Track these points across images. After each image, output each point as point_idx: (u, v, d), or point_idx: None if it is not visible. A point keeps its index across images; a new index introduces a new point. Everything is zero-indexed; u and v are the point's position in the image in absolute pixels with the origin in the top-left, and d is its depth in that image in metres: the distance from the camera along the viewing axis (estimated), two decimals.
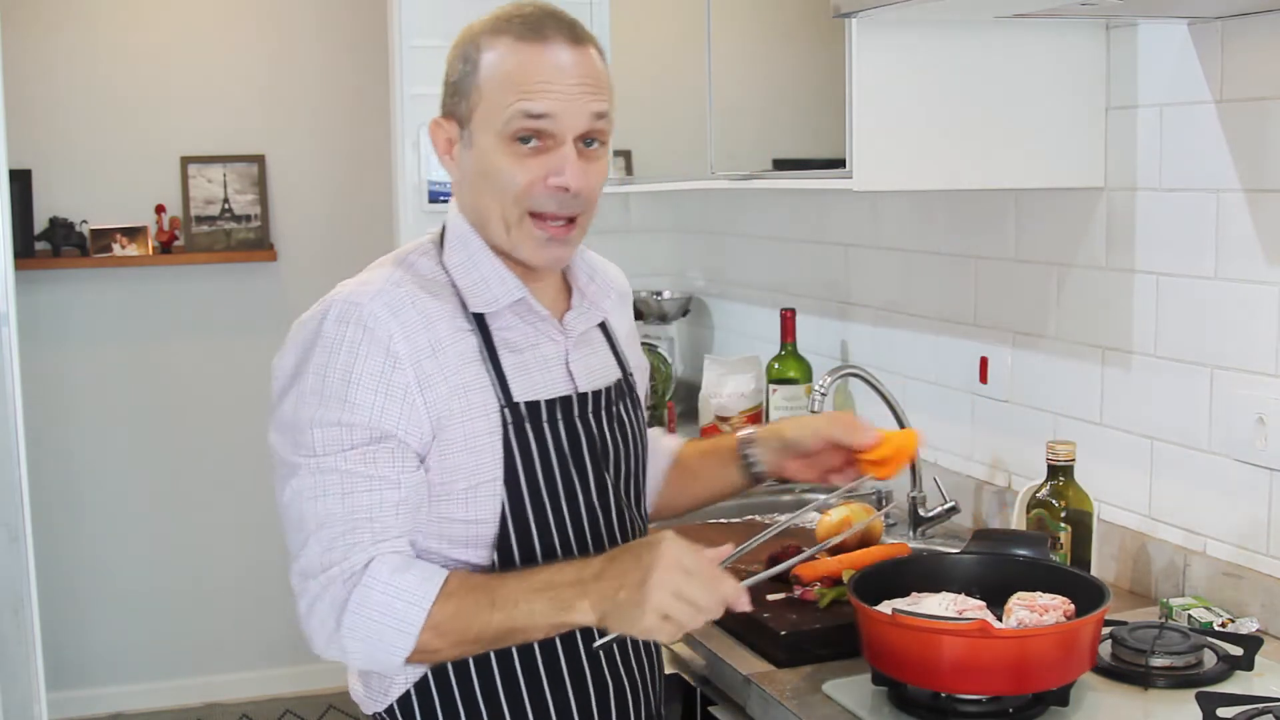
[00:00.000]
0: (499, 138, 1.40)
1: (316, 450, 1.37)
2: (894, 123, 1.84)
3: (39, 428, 3.72)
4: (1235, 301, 1.75)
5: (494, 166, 1.41)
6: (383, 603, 1.33)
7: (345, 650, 1.36)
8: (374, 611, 1.33)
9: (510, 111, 1.39)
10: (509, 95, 1.39)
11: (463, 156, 1.46)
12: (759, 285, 3.08)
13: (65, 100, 4.08)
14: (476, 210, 1.46)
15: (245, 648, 4.39)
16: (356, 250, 4.35)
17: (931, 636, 1.40)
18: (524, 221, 1.43)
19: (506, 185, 1.41)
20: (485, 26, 1.45)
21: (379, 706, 1.48)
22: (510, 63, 1.40)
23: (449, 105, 1.46)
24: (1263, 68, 1.69)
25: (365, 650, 1.35)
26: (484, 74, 1.41)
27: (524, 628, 1.33)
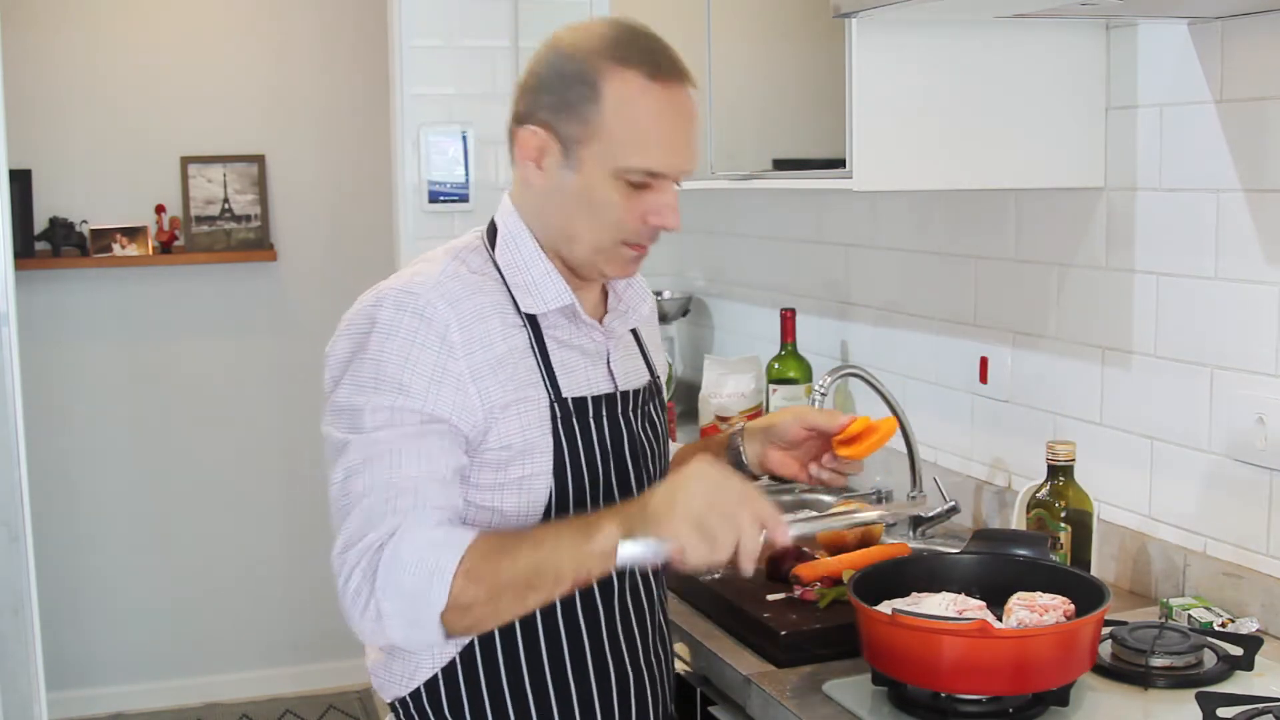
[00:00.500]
0: (614, 176, 1.43)
1: (366, 427, 1.37)
2: (894, 123, 1.84)
3: (39, 428, 3.72)
4: (1235, 301, 1.75)
5: (602, 200, 1.44)
6: (415, 556, 1.31)
7: (381, 614, 1.31)
8: (408, 564, 1.31)
9: (636, 163, 1.42)
10: (639, 146, 1.42)
11: (558, 173, 1.45)
12: (759, 285, 3.08)
13: (65, 100, 4.08)
14: (561, 227, 1.48)
15: (245, 648, 4.39)
16: (356, 250, 4.40)
17: (931, 636, 1.40)
18: (619, 248, 1.48)
19: (610, 220, 1.45)
20: (604, 49, 1.43)
21: (402, 690, 1.48)
22: (639, 110, 1.42)
23: (550, 118, 1.44)
24: (1263, 68, 1.69)
25: (401, 609, 1.31)
26: (609, 109, 1.41)
27: (551, 564, 1.31)
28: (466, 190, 3.32)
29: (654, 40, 1.46)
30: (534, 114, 1.46)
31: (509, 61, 3.31)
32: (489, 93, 3.31)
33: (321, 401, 1.46)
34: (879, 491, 2.40)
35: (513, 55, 3.31)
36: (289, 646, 4.43)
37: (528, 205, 1.51)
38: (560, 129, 1.43)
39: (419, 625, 1.32)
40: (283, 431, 4.35)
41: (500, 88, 3.31)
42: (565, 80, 1.43)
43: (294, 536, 4.38)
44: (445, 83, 3.30)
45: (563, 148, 1.44)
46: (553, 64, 1.46)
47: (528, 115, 1.46)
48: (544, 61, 1.47)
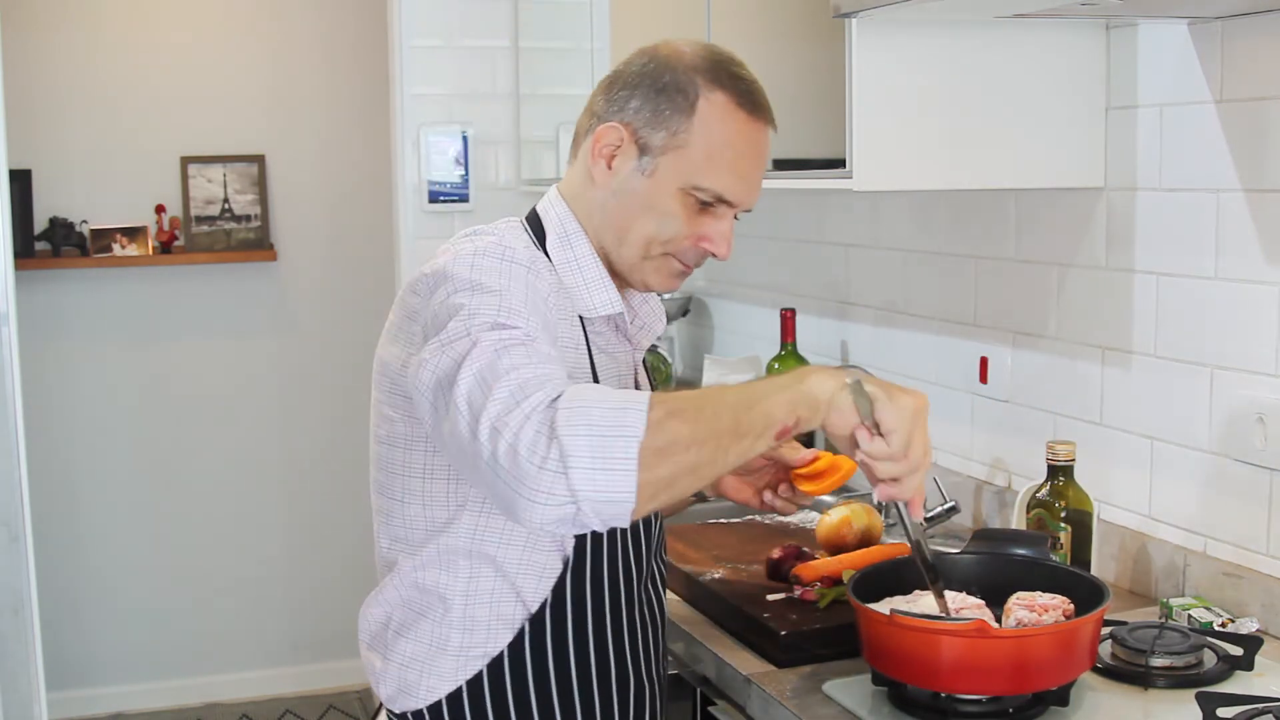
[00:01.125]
0: (682, 190, 1.45)
1: (490, 330, 1.27)
2: (894, 123, 1.83)
3: (39, 428, 3.72)
4: (1235, 301, 1.75)
5: (664, 208, 1.45)
6: (599, 395, 1.20)
7: (565, 454, 1.15)
8: (594, 401, 1.18)
9: (710, 182, 1.44)
10: (719, 168, 1.44)
11: (628, 173, 1.46)
12: (759, 285, 3.08)
13: (65, 100, 4.08)
14: (616, 226, 1.48)
15: (245, 648, 4.39)
16: (356, 250, 4.40)
17: (929, 636, 1.40)
18: (664, 258, 1.49)
19: (667, 229, 1.46)
20: (704, 65, 1.45)
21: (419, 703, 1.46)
22: (728, 133, 1.44)
23: (635, 120, 1.45)
24: (1263, 68, 1.69)
25: (592, 445, 1.15)
26: (699, 125, 1.43)
27: (764, 406, 1.24)
28: (466, 190, 3.33)
29: (749, 74, 1.48)
30: (618, 113, 1.47)
31: (509, 61, 3.31)
32: (489, 93, 3.32)
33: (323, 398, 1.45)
34: None
35: (513, 55, 3.31)
36: (289, 646, 4.43)
37: (584, 202, 1.51)
38: (643, 133, 1.45)
39: (612, 463, 1.15)
40: (283, 431, 4.35)
41: (500, 88, 3.32)
42: (660, 88, 1.45)
43: (294, 537, 4.38)
44: (445, 83, 3.30)
45: (640, 151, 1.45)
46: (649, 71, 1.46)
47: (610, 113, 1.47)
48: (639, 67, 1.48)
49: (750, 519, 2.31)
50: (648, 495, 1.17)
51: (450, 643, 1.44)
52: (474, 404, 1.22)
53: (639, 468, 1.15)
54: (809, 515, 2.32)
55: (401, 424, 1.43)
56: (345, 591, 4.38)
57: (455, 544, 1.43)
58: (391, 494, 1.46)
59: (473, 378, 1.23)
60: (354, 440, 4.33)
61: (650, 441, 1.16)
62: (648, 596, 1.57)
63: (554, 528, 1.19)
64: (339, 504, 4.33)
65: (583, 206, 1.51)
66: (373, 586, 1.52)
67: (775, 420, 1.25)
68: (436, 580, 1.44)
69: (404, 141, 3.30)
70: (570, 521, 1.18)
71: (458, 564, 1.43)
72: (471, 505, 1.41)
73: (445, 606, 1.43)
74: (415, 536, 1.45)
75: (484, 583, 1.43)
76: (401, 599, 1.47)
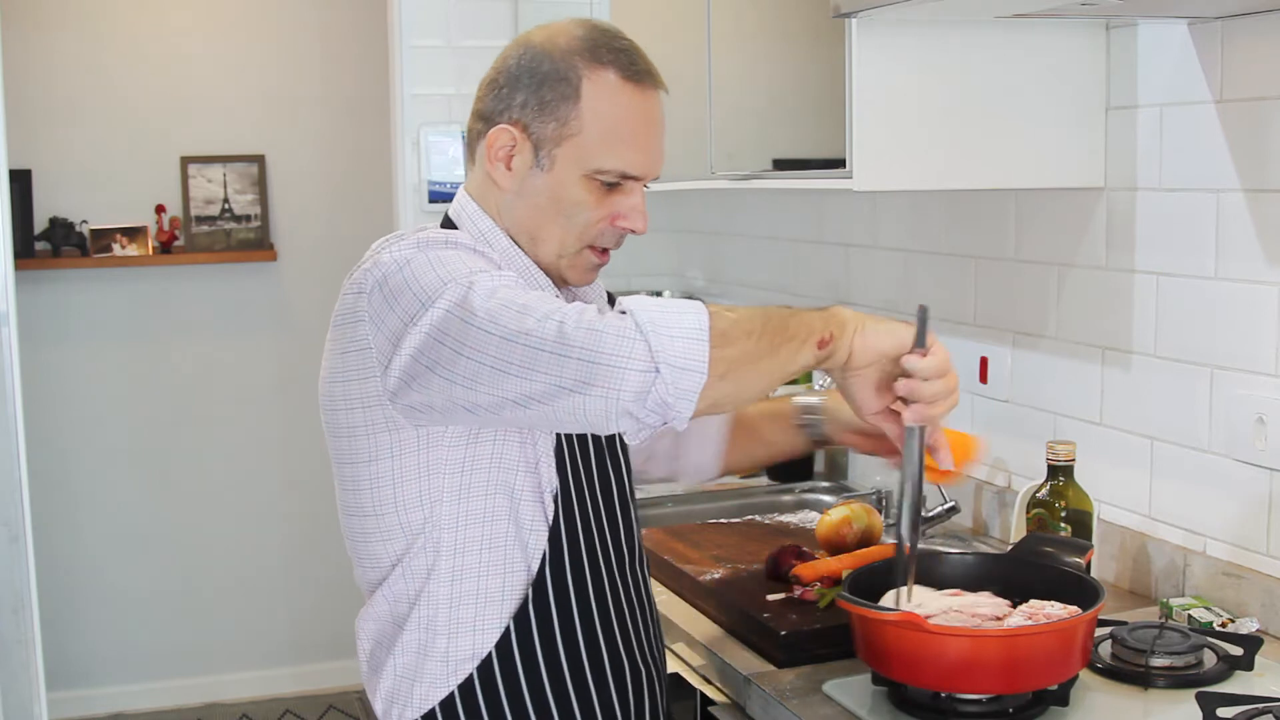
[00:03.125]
0: (585, 176, 1.43)
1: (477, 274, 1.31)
2: (894, 123, 1.83)
3: (39, 428, 3.72)
4: (1235, 301, 1.75)
5: (571, 199, 1.44)
6: (647, 298, 1.29)
7: (642, 324, 1.22)
8: (652, 302, 1.27)
9: (611, 163, 1.43)
10: (614, 147, 1.42)
11: (527, 172, 1.45)
12: (759, 285, 3.08)
13: (65, 100, 4.08)
14: (529, 228, 1.47)
15: (245, 648, 4.39)
16: (356, 250, 4.32)
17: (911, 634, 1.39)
18: (582, 252, 1.47)
19: (578, 219, 1.45)
20: (581, 49, 1.43)
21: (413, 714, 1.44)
22: (618, 110, 1.43)
23: (523, 116, 1.43)
24: (1263, 68, 1.69)
25: (666, 319, 1.23)
26: (587, 108, 1.42)
27: (803, 318, 1.32)
28: None
29: (628, 42, 1.46)
30: (504, 113, 1.44)
31: None
32: None
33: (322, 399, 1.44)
34: (879, 492, 2.40)
35: None
36: (289, 646, 4.43)
37: (491, 202, 1.49)
38: (534, 128, 1.43)
39: (688, 332, 1.23)
40: (283, 431, 4.35)
41: None
42: (541, 79, 1.42)
43: (294, 536, 4.38)
44: (445, 83, 3.30)
45: (535, 147, 1.43)
46: (526, 63, 1.44)
47: (497, 114, 1.45)
48: (516, 60, 1.45)
49: (750, 519, 2.31)
50: (718, 372, 1.24)
51: (436, 648, 1.43)
52: (505, 317, 1.25)
53: (710, 342, 1.23)
54: (809, 515, 2.32)
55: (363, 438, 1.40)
56: (345, 591, 4.37)
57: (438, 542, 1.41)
58: (362, 511, 1.44)
59: (491, 302, 1.26)
60: None
61: (715, 322, 1.25)
62: (635, 579, 1.56)
63: (629, 400, 1.22)
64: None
65: (492, 206, 1.48)
66: None
67: (815, 330, 1.32)
68: (421, 586, 1.43)
69: (404, 141, 3.30)
70: (645, 395, 1.22)
71: (439, 564, 1.42)
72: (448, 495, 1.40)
73: (430, 610, 1.42)
74: (393, 548, 1.44)
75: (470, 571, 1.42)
76: (389, 611, 1.46)
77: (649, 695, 1.56)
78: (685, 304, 1.27)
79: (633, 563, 1.57)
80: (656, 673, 1.59)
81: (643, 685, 1.54)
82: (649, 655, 1.57)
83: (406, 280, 1.33)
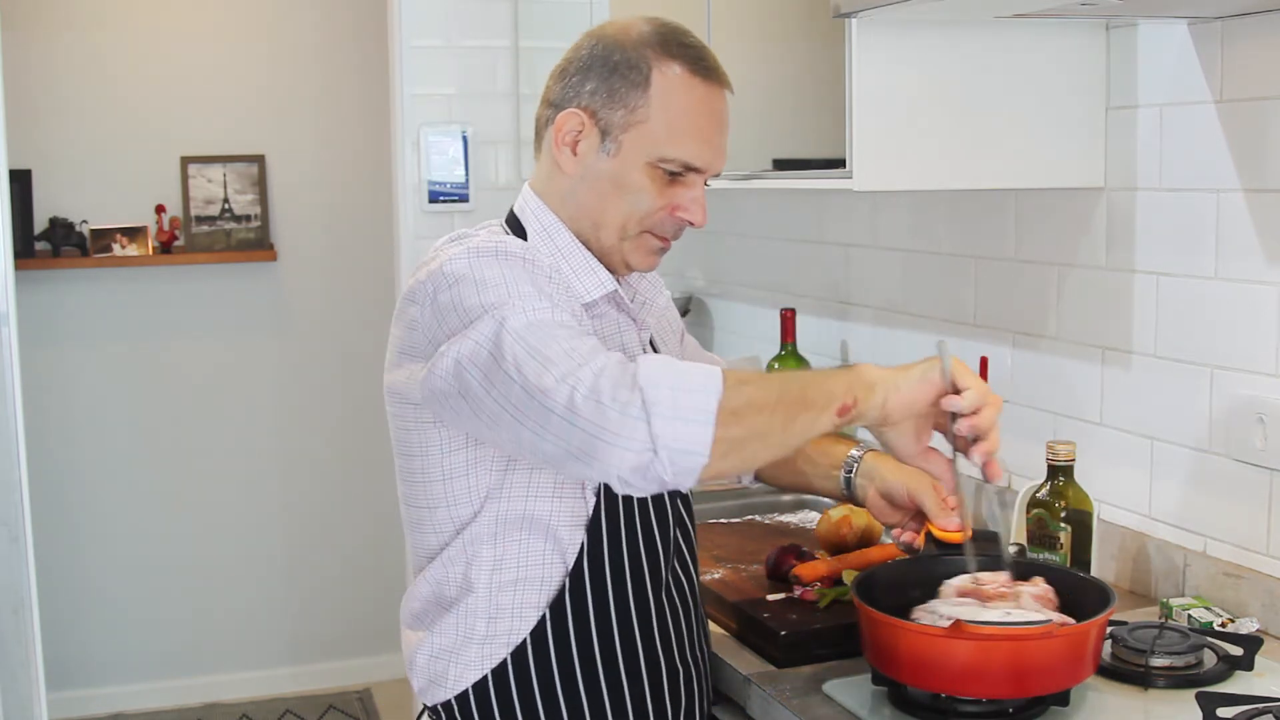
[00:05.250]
0: (650, 165, 1.45)
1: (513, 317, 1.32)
2: (894, 123, 1.83)
3: (39, 428, 3.72)
4: (1235, 301, 1.75)
5: (634, 185, 1.46)
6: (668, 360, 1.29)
7: (648, 403, 1.22)
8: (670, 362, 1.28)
9: (674, 154, 1.45)
10: (680, 136, 1.45)
11: (593, 158, 1.47)
12: (759, 285, 3.08)
13: (65, 100, 4.08)
14: (590, 212, 1.49)
15: (245, 648, 4.39)
16: (356, 250, 4.40)
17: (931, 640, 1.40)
18: (641, 236, 1.49)
19: (639, 205, 1.47)
20: (652, 39, 1.46)
21: (447, 694, 1.48)
22: (686, 102, 1.46)
23: (593, 104, 1.46)
24: (1263, 68, 1.69)
25: (674, 398, 1.23)
26: (656, 98, 1.45)
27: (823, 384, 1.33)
28: (466, 190, 3.32)
29: (697, 40, 1.50)
30: (574, 99, 1.48)
31: (509, 61, 3.31)
32: (489, 93, 3.31)
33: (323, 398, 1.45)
34: None
35: (513, 55, 3.31)
36: (289, 646, 4.43)
37: (556, 192, 1.51)
38: (602, 114, 1.46)
39: (693, 414, 1.23)
40: (283, 431, 4.35)
41: (500, 88, 3.31)
42: (612, 67, 1.46)
43: (294, 537, 4.38)
44: (445, 83, 3.30)
45: (601, 133, 1.46)
46: (598, 53, 1.47)
47: (566, 100, 1.48)
48: (588, 50, 1.49)
49: (750, 519, 2.32)
50: (720, 452, 1.25)
51: (476, 632, 1.46)
52: (528, 367, 1.28)
53: (716, 424, 1.23)
54: (809, 515, 2.32)
55: (416, 433, 1.46)
56: (345, 591, 4.39)
57: (480, 532, 1.45)
58: (416, 503, 1.50)
59: (519, 346, 1.29)
60: (354, 440, 4.34)
61: (727, 402, 1.24)
62: (675, 578, 1.57)
63: (628, 474, 1.25)
64: (339, 504, 4.33)
65: (555, 197, 1.51)
66: (373, 587, 1.54)
67: (836, 396, 1.32)
68: (464, 572, 1.46)
69: (404, 141, 3.29)
70: (645, 470, 1.24)
71: (481, 553, 1.45)
72: (493, 493, 1.44)
73: (472, 596, 1.46)
74: (443, 537, 1.48)
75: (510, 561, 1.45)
76: (432, 593, 1.50)
77: (685, 693, 1.56)
78: (699, 378, 1.25)
79: (680, 559, 1.58)
80: (696, 671, 1.59)
81: (679, 683, 1.55)
82: (689, 653, 1.58)
83: (454, 301, 1.37)
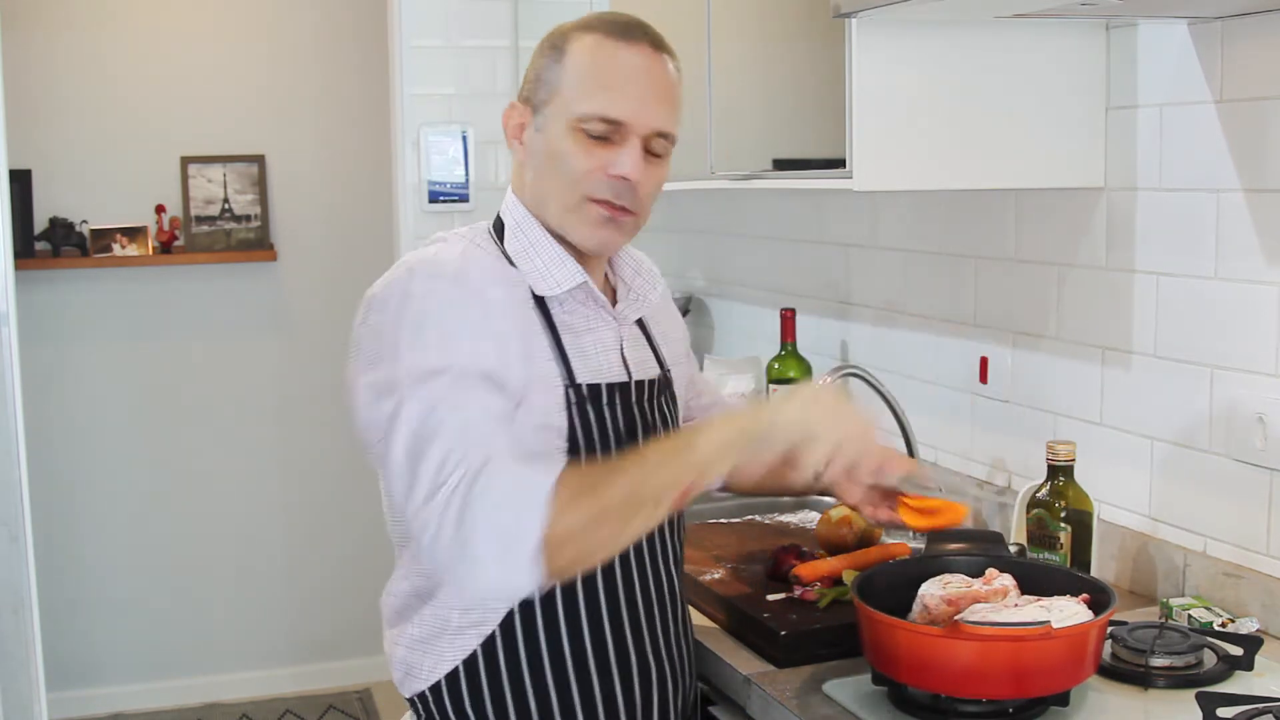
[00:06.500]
0: (570, 127, 1.47)
1: (417, 385, 1.34)
2: (894, 123, 1.83)
3: (39, 428, 3.72)
4: (1235, 301, 1.75)
5: (561, 151, 1.47)
6: (506, 485, 1.28)
7: (474, 553, 1.26)
8: (498, 495, 1.27)
9: (587, 107, 1.46)
10: (589, 90, 1.46)
11: (532, 140, 1.51)
12: (759, 285, 3.08)
13: (65, 100, 4.08)
14: (537, 191, 1.52)
15: (245, 648, 4.39)
16: (356, 250, 4.39)
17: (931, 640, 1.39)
18: (583, 205, 1.49)
19: (570, 170, 1.47)
20: (576, 24, 1.52)
21: (423, 685, 1.49)
22: (596, 59, 1.48)
23: (527, 92, 1.53)
24: (1263, 68, 1.69)
25: (496, 552, 1.26)
26: (568, 65, 1.48)
27: (654, 482, 1.34)
28: (466, 190, 3.32)
29: (632, 17, 1.51)
30: (519, 95, 1.54)
31: (509, 61, 3.31)
32: (489, 93, 3.31)
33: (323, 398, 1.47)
34: None
35: (513, 55, 3.31)
36: (289, 646, 4.43)
37: (522, 185, 1.55)
38: (533, 98, 1.51)
39: (515, 565, 1.27)
40: (283, 431, 4.35)
41: (500, 88, 3.32)
42: (540, 54, 1.52)
43: (294, 536, 4.38)
44: (445, 83, 3.30)
45: (534, 115, 1.51)
46: (536, 51, 1.54)
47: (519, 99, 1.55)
48: (534, 51, 1.56)
49: (750, 519, 2.32)
50: (551, 579, 1.31)
51: (450, 623, 1.47)
52: (404, 478, 1.33)
53: (542, 561, 1.27)
54: (809, 515, 2.32)
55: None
56: (345, 591, 4.39)
57: None
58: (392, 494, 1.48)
59: (402, 449, 1.33)
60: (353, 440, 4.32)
61: (549, 536, 1.26)
62: (656, 577, 1.56)
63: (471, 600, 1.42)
64: (339, 504, 4.33)
65: (523, 190, 1.54)
66: (373, 587, 1.54)
67: (667, 496, 1.35)
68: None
69: (404, 141, 3.30)
70: (483, 602, 1.43)
71: None
72: None
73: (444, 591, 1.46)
74: None
75: None
76: (410, 587, 1.51)
77: (659, 691, 1.55)
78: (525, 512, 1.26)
79: (662, 560, 1.58)
80: (673, 670, 1.58)
81: (651, 680, 1.54)
82: (665, 652, 1.57)
83: (374, 330, 1.42)
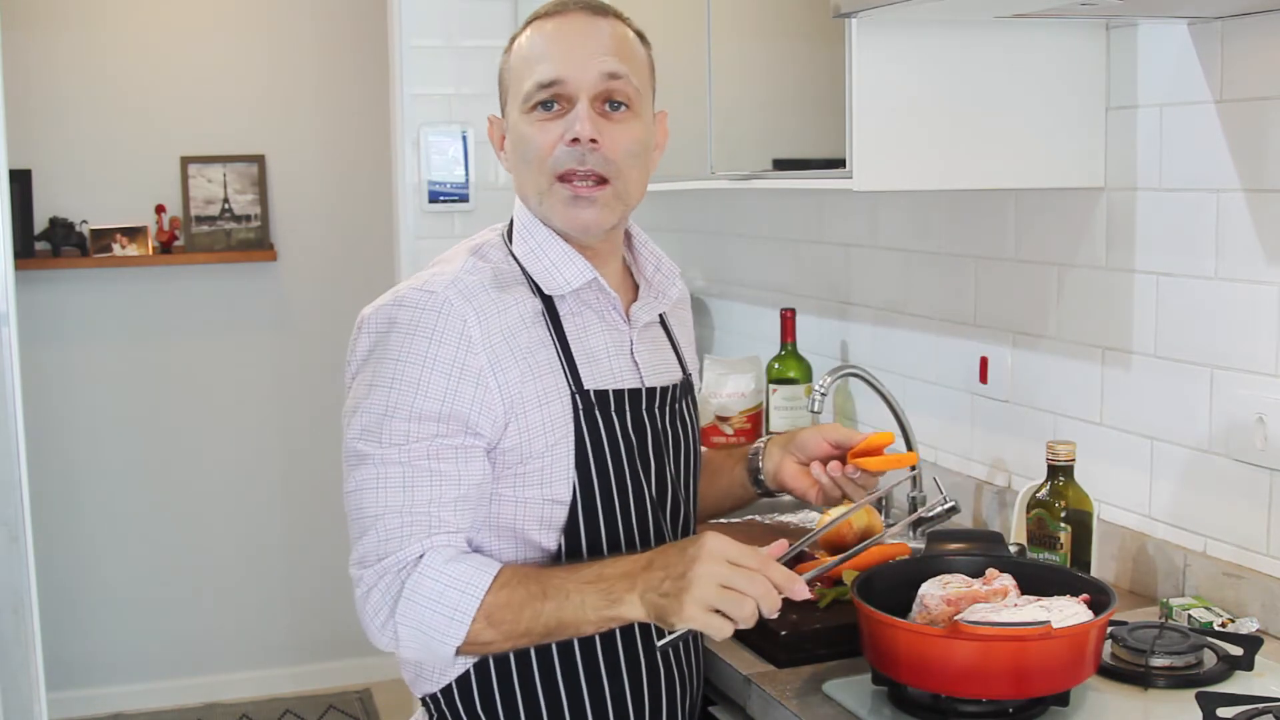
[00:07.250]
0: (523, 112, 1.49)
1: (384, 442, 1.40)
2: (894, 123, 1.83)
3: (39, 428, 3.72)
4: (1235, 301, 1.75)
5: (521, 136, 1.50)
6: (436, 591, 1.37)
7: (399, 639, 1.39)
8: (427, 599, 1.37)
9: (528, 85, 1.47)
10: (529, 69, 1.48)
11: (508, 143, 1.54)
12: (759, 285, 3.08)
13: (65, 100, 4.08)
14: (520, 189, 1.54)
15: (245, 648, 4.39)
16: (356, 250, 4.40)
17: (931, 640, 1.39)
18: (553, 186, 1.49)
19: (533, 152, 1.48)
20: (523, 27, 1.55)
21: (434, 686, 1.51)
22: (530, 40, 1.51)
23: (499, 102, 1.56)
24: (1263, 68, 1.69)
25: (418, 639, 1.38)
26: (512, 59, 1.52)
27: (574, 621, 1.37)
28: (466, 190, 3.33)
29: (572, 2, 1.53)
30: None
31: None
32: (489, 93, 3.25)
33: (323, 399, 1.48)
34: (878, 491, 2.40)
35: None
36: (289, 646, 4.43)
37: (516, 186, 1.57)
38: (501, 105, 1.55)
39: (434, 654, 1.41)
40: (283, 431, 4.35)
41: None
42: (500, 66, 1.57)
43: (294, 536, 4.39)
44: (445, 83, 3.30)
45: (504, 118, 1.55)
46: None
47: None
48: None
49: (750, 519, 2.31)
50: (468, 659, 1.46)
51: None
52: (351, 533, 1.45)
53: (459, 656, 1.41)
54: (809, 515, 2.32)
55: None
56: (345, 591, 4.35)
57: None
58: None
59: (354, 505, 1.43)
60: None
61: (469, 642, 1.38)
62: None
63: None
64: (339, 504, 4.30)
65: (517, 190, 1.57)
66: None
67: (585, 632, 1.40)
68: None
69: (404, 141, 3.30)
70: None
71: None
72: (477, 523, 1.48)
73: None
74: None
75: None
76: None
77: (668, 695, 1.56)
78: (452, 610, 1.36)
79: None
80: (681, 675, 1.59)
81: (660, 684, 1.55)
82: (675, 655, 1.58)
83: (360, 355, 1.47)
